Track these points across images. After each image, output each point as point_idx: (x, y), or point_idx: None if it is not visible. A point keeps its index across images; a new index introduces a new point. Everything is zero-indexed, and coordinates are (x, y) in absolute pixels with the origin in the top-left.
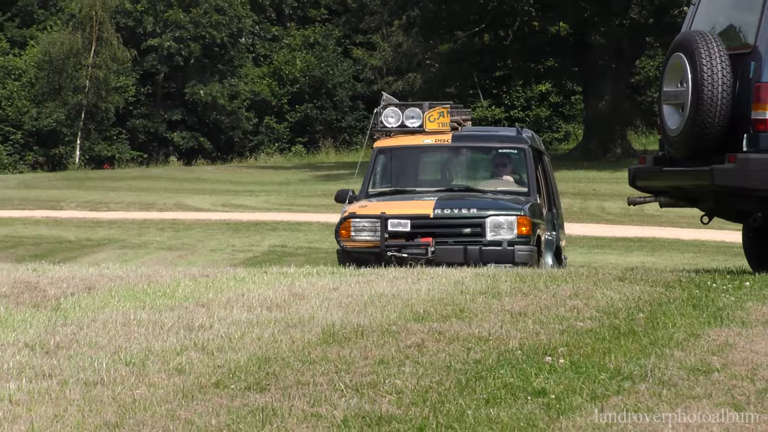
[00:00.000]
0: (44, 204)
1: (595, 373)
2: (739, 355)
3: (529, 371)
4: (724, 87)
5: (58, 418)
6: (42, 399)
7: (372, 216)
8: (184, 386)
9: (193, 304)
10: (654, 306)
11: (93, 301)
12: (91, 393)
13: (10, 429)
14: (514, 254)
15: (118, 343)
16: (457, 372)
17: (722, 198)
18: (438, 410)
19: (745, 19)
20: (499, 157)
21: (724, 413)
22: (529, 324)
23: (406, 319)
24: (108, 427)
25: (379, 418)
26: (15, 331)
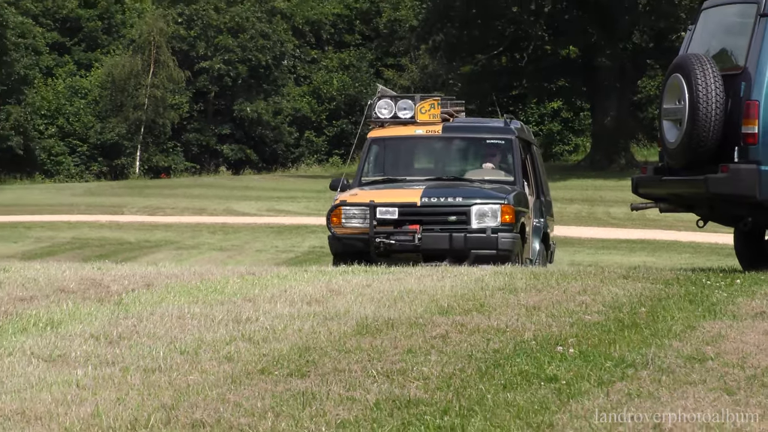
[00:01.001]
0: (107, 209)
1: (602, 361)
2: (731, 345)
3: (542, 359)
4: (718, 104)
5: (120, 401)
6: (106, 384)
7: (361, 204)
8: (232, 373)
9: (241, 299)
10: (654, 301)
11: (151, 297)
12: (150, 378)
13: (78, 411)
14: (498, 241)
15: (174, 334)
16: (477, 360)
17: (716, 204)
18: (460, 394)
19: (736, 44)
20: (487, 148)
21: (717, 397)
22: (542, 317)
23: (431, 312)
24: (165, 409)
25: (408, 402)
26: (82, 323)
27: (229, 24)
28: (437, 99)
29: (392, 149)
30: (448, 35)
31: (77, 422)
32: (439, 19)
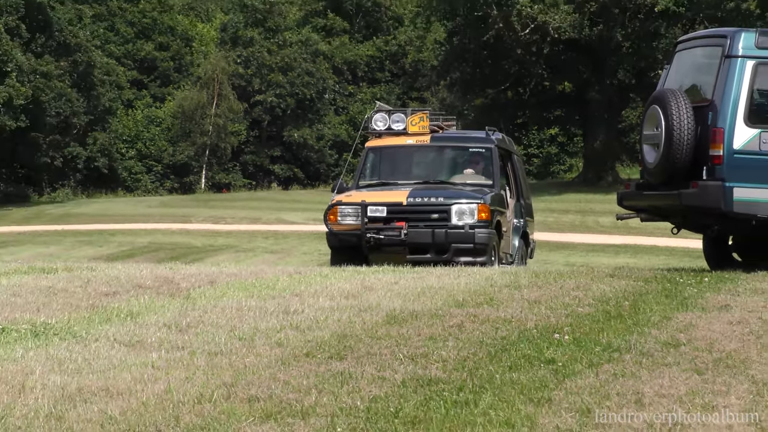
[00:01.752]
0: (178, 219)
1: (592, 346)
2: (700, 333)
3: (542, 345)
4: (689, 131)
5: (188, 379)
6: (176, 365)
7: (354, 203)
8: (282, 356)
9: (289, 294)
10: (636, 296)
11: (214, 292)
12: (213, 361)
13: (153, 388)
14: (474, 236)
15: (233, 324)
16: (487, 346)
17: (688, 215)
18: (473, 374)
19: (704, 80)
20: (470, 155)
21: (689, 376)
22: (542, 309)
23: (449, 305)
24: (226, 387)
25: (429, 380)
26: (156, 314)
27: (280, 64)
28: (426, 113)
29: (386, 156)
30: (463, 73)
31: (152, 397)
32: (455, 59)
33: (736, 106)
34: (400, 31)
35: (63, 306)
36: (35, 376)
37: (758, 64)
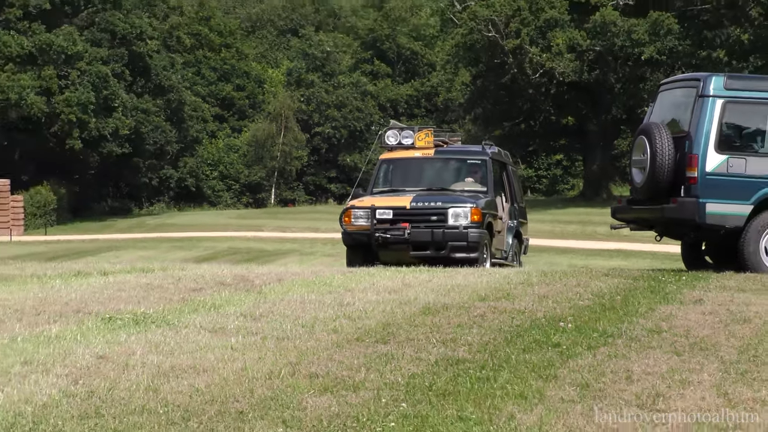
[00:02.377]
0: (252, 228)
1: (590, 332)
2: (679, 322)
3: (549, 332)
4: (670, 157)
5: (260, 359)
6: (251, 348)
7: (365, 207)
8: (337, 340)
9: (343, 290)
10: (626, 291)
11: (282, 288)
12: (281, 344)
13: (231, 366)
14: (468, 235)
15: (297, 314)
16: (505, 332)
17: (669, 225)
18: (493, 355)
19: (682, 116)
20: (468, 166)
21: (670, 357)
22: (549, 302)
23: (473, 299)
24: (291, 365)
25: (457, 360)
26: (234, 306)
27: (335, 101)
28: (430, 130)
29: (396, 167)
30: (484, 109)
31: (231, 374)
32: (478, 98)
33: (708, 137)
34: (433, 74)
35: (159, 299)
36: (136, 356)
37: (726, 102)
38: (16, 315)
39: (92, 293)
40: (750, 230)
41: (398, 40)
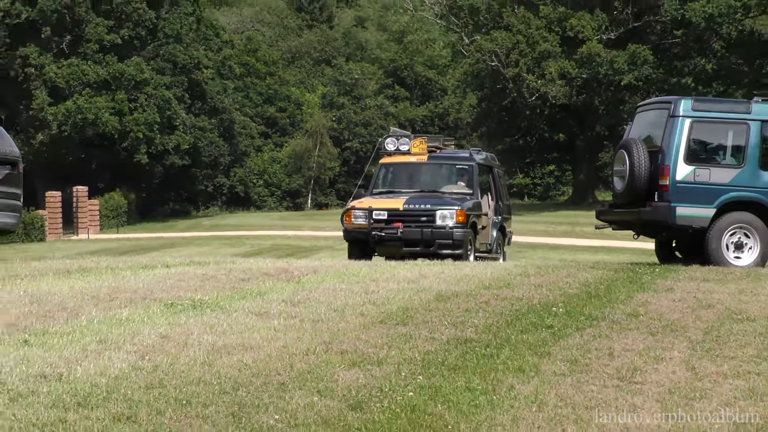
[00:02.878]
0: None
1: (578, 316)
2: (653, 307)
3: (543, 315)
4: (645, 168)
5: (299, 338)
6: (291, 328)
7: (363, 208)
8: (364, 322)
9: (369, 280)
10: (609, 281)
11: (317, 278)
12: (316, 326)
13: (274, 344)
14: (453, 234)
15: (330, 300)
16: (505, 316)
17: (645, 225)
18: (496, 335)
19: (656, 133)
20: (457, 170)
21: (645, 337)
22: (543, 291)
23: (479, 288)
24: (325, 344)
25: (465, 340)
26: (277, 293)
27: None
28: (424, 138)
29: (394, 170)
30: (489, 127)
31: (274, 351)
32: (483, 118)
33: (677, 151)
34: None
35: (213, 288)
36: (194, 336)
37: (693, 122)
38: (92, 301)
39: (157, 282)
40: (713, 230)
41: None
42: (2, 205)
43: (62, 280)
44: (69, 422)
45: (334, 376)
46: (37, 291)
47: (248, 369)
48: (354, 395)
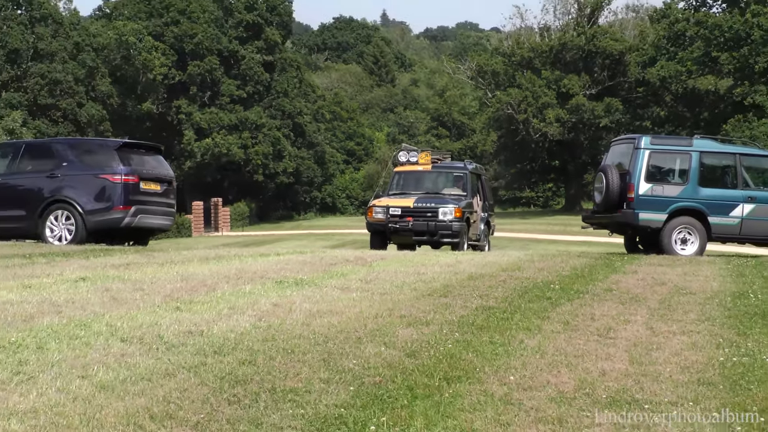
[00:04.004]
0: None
1: (569, 291)
2: (623, 285)
3: (544, 290)
4: (617, 185)
5: (370, 306)
6: (364, 299)
7: (382, 206)
8: (416, 295)
9: (420, 265)
10: (591, 266)
11: (384, 263)
12: (383, 297)
13: (353, 310)
14: (452, 226)
15: (392, 279)
16: (517, 291)
17: (617, 226)
18: (511, 305)
19: (625, 160)
20: (454, 177)
21: (617, 305)
22: (545, 273)
23: (498, 270)
24: (388, 310)
25: (489, 308)
26: (355, 274)
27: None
28: (429, 152)
29: (405, 177)
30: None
31: (353, 315)
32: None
33: (640, 173)
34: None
35: (310, 270)
36: (296, 304)
37: (651, 152)
38: (224, 279)
39: (270, 266)
40: (666, 229)
41: (453, 115)
42: (161, 211)
43: (203, 265)
44: (208, 365)
45: (395, 333)
46: (185, 272)
47: (334, 328)
48: (409, 346)
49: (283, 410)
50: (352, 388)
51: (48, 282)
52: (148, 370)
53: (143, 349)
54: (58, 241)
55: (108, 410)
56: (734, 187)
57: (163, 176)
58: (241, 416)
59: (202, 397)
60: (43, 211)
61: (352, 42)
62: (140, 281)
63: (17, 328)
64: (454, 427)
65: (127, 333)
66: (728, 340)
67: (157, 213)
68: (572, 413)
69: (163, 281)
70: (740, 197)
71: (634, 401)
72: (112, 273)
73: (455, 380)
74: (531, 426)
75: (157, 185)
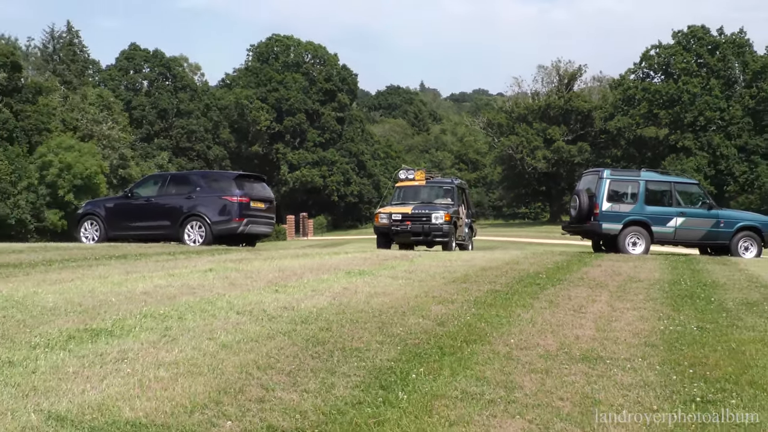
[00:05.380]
0: None
1: (553, 278)
2: (590, 275)
3: (535, 278)
4: (587, 204)
5: (412, 290)
6: (408, 285)
7: (386, 212)
8: (443, 282)
9: (447, 260)
10: (568, 262)
11: (422, 259)
12: (421, 283)
13: (400, 292)
14: (442, 228)
15: (427, 270)
16: (516, 279)
17: (587, 233)
18: (511, 288)
19: (592, 186)
20: (444, 190)
21: (587, 290)
22: (535, 266)
23: (502, 264)
24: (424, 293)
25: (496, 291)
26: (401, 267)
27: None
28: (423, 171)
29: (405, 190)
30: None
31: (399, 296)
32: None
33: (603, 195)
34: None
35: (369, 264)
36: (359, 288)
37: (611, 180)
38: (309, 270)
39: (341, 261)
40: (621, 235)
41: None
42: (265, 222)
43: (294, 260)
44: (297, 331)
45: (429, 309)
46: (281, 265)
47: (386, 305)
48: (439, 318)
49: (350, 363)
50: (398, 347)
51: (185, 272)
52: (255, 334)
53: (252, 319)
54: (192, 243)
55: (227, 362)
56: (670, 205)
57: (266, 197)
58: (321, 367)
59: (293, 353)
60: (183, 221)
61: (399, 103)
62: (250, 271)
63: (164, 304)
64: (471, 375)
65: (241, 308)
66: (666, 315)
67: (262, 223)
68: (555, 366)
69: (266, 271)
70: (674, 213)
71: (599, 357)
72: (230, 265)
73: (472, 342)
74: (526, 375)
75: (261, 204)
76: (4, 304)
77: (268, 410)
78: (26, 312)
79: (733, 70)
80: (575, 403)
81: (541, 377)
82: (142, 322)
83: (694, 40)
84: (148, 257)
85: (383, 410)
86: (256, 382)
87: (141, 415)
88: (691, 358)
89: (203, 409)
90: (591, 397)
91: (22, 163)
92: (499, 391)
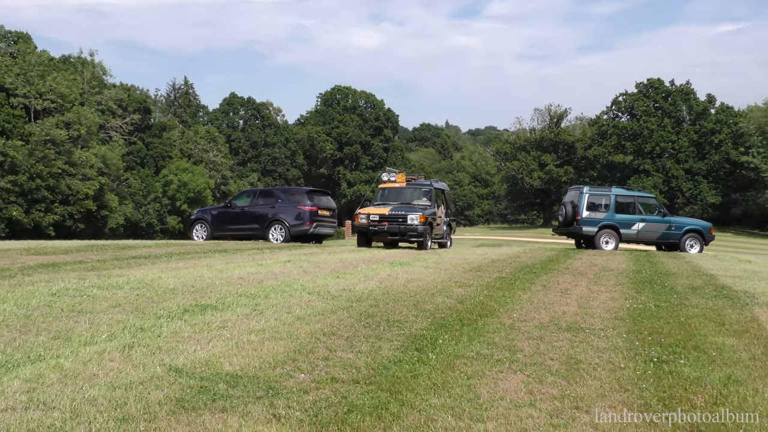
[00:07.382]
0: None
1: (546, 268)
2: (574, 266)
3: (532, 268)
4: (571, 212)
5: (439, 276)
6: (436, 272)
7: (365, 213)
8: (462, 270)
9: (464, 255)
10: (557, 257)
11: (446, 253)
12: (445, 271)
13: (429, 278)
14: (417, 229)
15: (450, 262)
16: (517, 269)
17: (571, 234)
18: (513, 276)
19: (575, 199)
20: (422, 191)
21: (571, 278)
22: (532, 259)
23: (507, 257)
24: (448, 278)
25: (502, 279)
26: (431, 260)
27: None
28: (403, 174)
29: (387, 192)
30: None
31: (429, 281)
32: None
33: (583, 205)
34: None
35: (407, 257)
36: (400, 275)
37: (589, 195)
38: (362, 262)
39: (386, 255)
40: (597, 236)
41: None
42: (329, 225)
43: (351, 254)
44: (353, 307)
45: (452, 291)
46: (341, 258)
47: (420, 287)
48: (460, 298)
49: (393, 331)
50: (429, 320)
51: (270, 262)
52: (322, 309)
53: (319, 298)
54: (275, 241)
55: (301, 330)
56: (634, 213)
57: (330, 207)
58: (371, 334)
59: (350, 323)
60: (268, 225)
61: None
62: (318, 262)
63: (254, 286)
64: (484, 341)
65: (311, 289)
66: (631, 296)
67: (327, 226)
68: (547, 334)
69: (330, 262)
70: (637, 219)
71: (581, 328)
72: (303, 258)
73: (484, 316)
74: (525, 341)
75: (327, 212)
76: (137, 285)
77: (331, 366)
78: (153, 291)
79: (681, 112)
80: (562, 362)
81: (537, 342)
82: (238, 299)
83: (652, 89)
84: (243, 251)
85: (417, 366)
86: (323, 345)
87: (237, 368)
88: (650, 328)
89: (283, 365)
90: (574, 357)
91: (150, 182)
92: (504, 353)
